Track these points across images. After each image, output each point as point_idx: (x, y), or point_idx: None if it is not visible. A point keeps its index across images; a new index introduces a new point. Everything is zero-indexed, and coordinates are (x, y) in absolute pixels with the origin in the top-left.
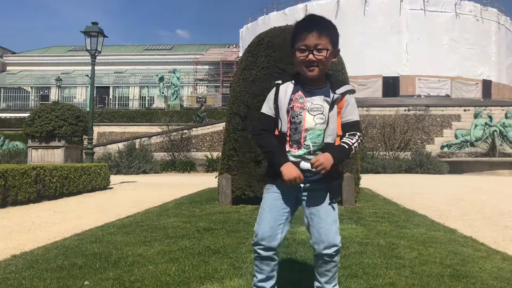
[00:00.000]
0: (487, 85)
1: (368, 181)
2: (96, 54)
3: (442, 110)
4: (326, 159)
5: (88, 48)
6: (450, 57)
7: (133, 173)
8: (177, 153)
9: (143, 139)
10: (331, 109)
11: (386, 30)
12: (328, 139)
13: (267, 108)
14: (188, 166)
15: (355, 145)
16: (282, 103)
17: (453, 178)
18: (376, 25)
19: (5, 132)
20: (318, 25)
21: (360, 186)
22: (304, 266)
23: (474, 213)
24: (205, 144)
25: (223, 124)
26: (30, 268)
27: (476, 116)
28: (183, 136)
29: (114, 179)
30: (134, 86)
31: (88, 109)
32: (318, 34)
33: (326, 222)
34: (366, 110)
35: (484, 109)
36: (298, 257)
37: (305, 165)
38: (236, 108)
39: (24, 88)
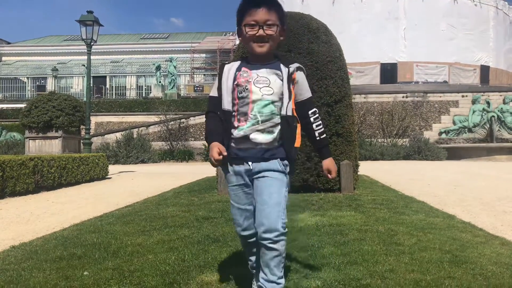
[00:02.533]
0: (485, 70)
1: (367, 168)
2: (92, 43)
3: (440, 97)
4: (332, 165)
5: (84, 37)
6: (448, 43)
7: (131, 163)
8: (175, 142)
9: (141, 128)
10: (288, 82)
11: (383, 16)
12: (283, 112)
13: (214, 90)
14: (186, 155)
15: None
16: (225, 82)
17: (451, 164)
18: (373, 11)
19: (2, 123)
20: (267, 0)
21: (358, 173)
22: (303, 254)
23: (472, 198)
24: (203, 133)
25: None
26: (29, 259)
27: (474, 102)
28: (181, 125)
29: (112, 169)
30: (131, 75)
31: (85, 99)
32: (268, 9)
33: (268, 205)
34: (364, 97)
35: (482, 95)
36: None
37: (256, 136)
38: None
39: (20, 78)
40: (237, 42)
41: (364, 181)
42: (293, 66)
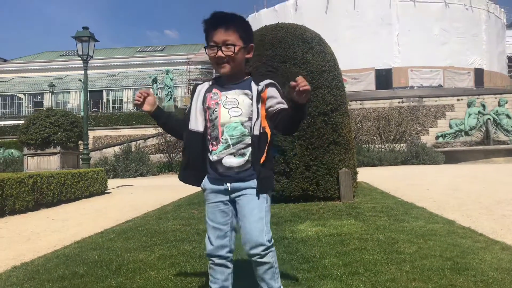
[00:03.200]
0: (479, 73)
1: (365, 174)
2: (88, 59)
3: (436, 101)
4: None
5: (80, 53)
6: (441, 47)
7: (130, 176)
8: (173, 154)
9: (139, 141)
10: (257, 101)
11: (376, 22)
12: (255, 132)
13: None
14: None
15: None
16: (195, 103)
17: (449, 168)
18: (366, 18)
19: (0, 140)
20: (224, 21)
21: (357, 180)
22: (304, 266)
23: (471, 203)
24: None
25: None
26: (31, 279)
27: (469, 105)
28: None
29: (111, 183)
30: (128, 88)
31: (82, 113)
32: (225, 29)
33: (250, 221)
34: (360, 104)
35: (477, 98)
36: (298, 256)
37: (228, 160)
38: None
39: (17, 95)
40: None
41: (363, 188)
42: (262, 84)
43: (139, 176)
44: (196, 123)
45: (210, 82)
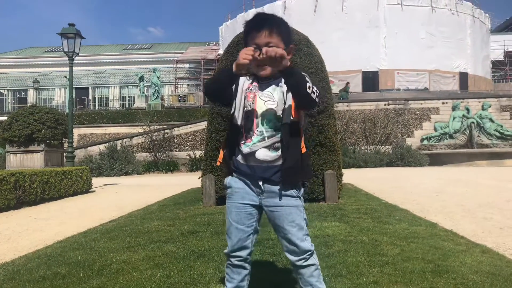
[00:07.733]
0: (463, 77)
1: (351, 176)
2: (74, 56)
3: (421, 103)
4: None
5: (66, 50)
6: (427, 51)
7: (115, 175)
8: (159, 153)
9: (124, 140)
10: (288, 90)
11: (364, 25)
12: (286, 121)
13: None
14: (171, 166)
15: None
16: (239, 92)
17: (433, 171)
18: (354, 20)
19: None
20: (268, 23)
21: (342, 181)
22: (288, 267)
23: (454, 205)
24: (188, 143)
25: (206, 123)
26: (11, 279)
27: (454, 108)
28: (165, 136)
29: (96, 181)
30: (114, 86)
31: (67, 111)
32: (269, 32)
33: (292, 233)
34: (347, 106)
35: (461, 102)
36: (282, 257)
37: (262, 154)
38: (217, 108)
39: (0, 91)
40: (221, 51)
41: (348, 189)
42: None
43: (124, 175)
44: (239, 118)
45: (249, 78)
